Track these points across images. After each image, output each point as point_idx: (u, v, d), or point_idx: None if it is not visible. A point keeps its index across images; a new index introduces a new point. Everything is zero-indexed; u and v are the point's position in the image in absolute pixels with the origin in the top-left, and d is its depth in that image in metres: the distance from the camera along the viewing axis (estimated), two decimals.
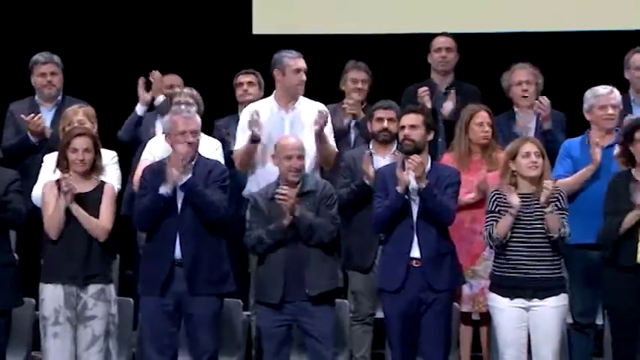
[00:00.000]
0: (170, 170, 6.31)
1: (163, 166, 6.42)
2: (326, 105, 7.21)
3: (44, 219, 6.41)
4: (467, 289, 6.76)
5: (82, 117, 6.86)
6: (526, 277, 6.17)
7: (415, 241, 6.26)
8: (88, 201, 6.36)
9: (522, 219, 6.18)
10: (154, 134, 7.32)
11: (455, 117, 7.19)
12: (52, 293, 6.32)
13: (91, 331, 6.30)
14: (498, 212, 6.20)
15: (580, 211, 6.55)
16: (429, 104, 7.27)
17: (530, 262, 6.18)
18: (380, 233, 6.54)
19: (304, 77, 7.04)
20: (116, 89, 8.28)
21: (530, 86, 7.29)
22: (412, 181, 6.21)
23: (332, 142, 7.05)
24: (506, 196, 6.18)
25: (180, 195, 6.38)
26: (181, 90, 7.38)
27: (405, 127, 6.35)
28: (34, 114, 7.36)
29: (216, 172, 6.48)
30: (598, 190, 6.65)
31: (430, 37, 7.69)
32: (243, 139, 7.00)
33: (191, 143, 6.37)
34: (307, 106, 7.09)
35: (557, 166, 6.70)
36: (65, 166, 6.40)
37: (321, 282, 6.37)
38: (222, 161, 6.82)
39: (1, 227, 6.37)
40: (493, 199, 6.26)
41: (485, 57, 8.10)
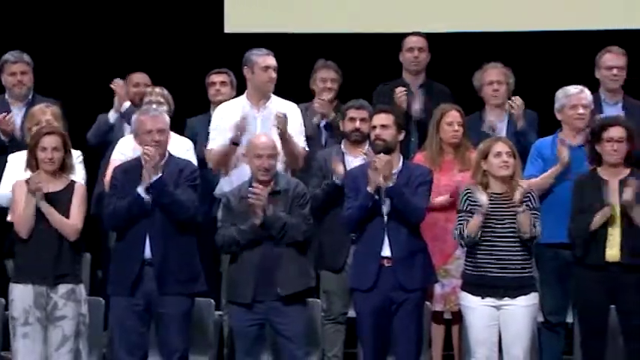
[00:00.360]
0: (146, 171, 6.30)
1: (134, 166, 6.40)
2: (297, 104, 7.21)
3: (14, 218, 6.37)
4: (439, 289, 6.77)
5: (50, 117, 6.84)
6: (497, 276, 6.18)
7: (386, 240, 6.27)
8: (58, 200, 6.33)
9: (494, 218, 6.19)
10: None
11: (424, 117, 7.19)
12: (22, 293, 6.29)
13: (61, 331, 6.27)
14: (469, 211, 6.21)
15: (551, 211, 6.57)
16: (404, 104, 7.27)
17: (501, 262, 6.19)
18: (351, 233, 6.53)
19: (274, 75, 7.03)
20: (87, 88, 8.25)
21: (501, 86, 7.31)
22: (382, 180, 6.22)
23: (300, 143, 7.04)
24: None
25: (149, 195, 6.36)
26: (152, 89, 7.37)
27: (376, 127, 6.36)
28: (5, 113, 7.31)
29: (187, 171, 6.47)
30: (569, 189, 6.69)
31: (402, 37, 7.70)
32: (218, 139, 6.98)
33: (158, 142, 6.35)
34: (279, 105, 7.08)
35: (528, 165, 6.72)
36: (35, 166, 6.37)
37: (292, 282, 6.37)
38: (195, 161, 6.80)
39: None
40: (464, 198, 6.27)
41: (457, 57, 8.12)
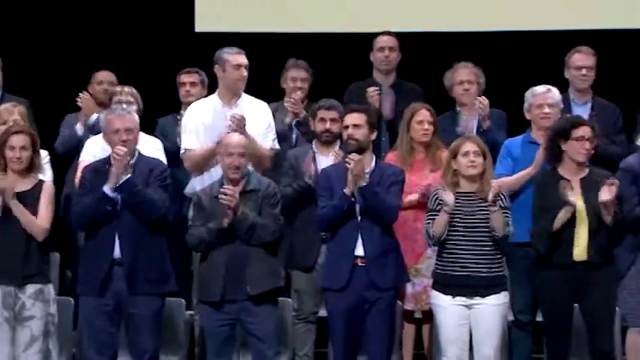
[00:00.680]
0: (114, 170, 6.28)
1: (103, 165, 6.38)
2: (268, 103, 7.20)
3: None
4: (409, 288, 6.78)
5: (17, 116, 6.81)
6: (468, 275, 6.20)
7: (359, 239, 6.28)
8: (26, 200, 6.30)
9: (464, 218, 6.21)
10: None
11: (393, 116, 7.20)
12: None
13: (30, 332, 6.24)
14: (438, 210, 6.23)
15: (522, 210, 6.58)
16: (377, 104, 7.27)
17: (471, 261, 6.21)
18: (325, 232, 6.53)
19: (245, 73, 7.02)
20: (57, 86, 8.21)
21: (472, 85, 7.33)
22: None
23: (269, 142, 7.02)
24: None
25: (119, 195, 6.34)
26: (121, 89, 7.35)
27: (348, 127, 6.37)
28: None
29: (157, 171, 6.46)
30: None
31: (373, 36, 7.70)
32: (192, 139, 6.97)
33: (126, 141, 6.33)
34: (250, 103, 7.08)
35: (497, 165, 6.73)
36: (3, 165, 6.33)
37: (262, 281, 6.36)
38: (165, 161, 6.78)
39: None
40: (434, 197, 6.28)
41: (428, 56, 8.13)
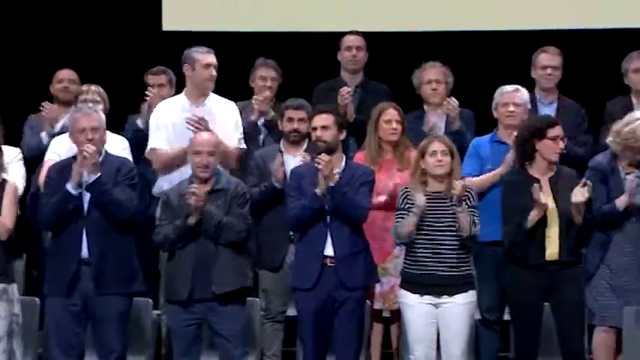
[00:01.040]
0: (77, 168, 6.24)
1: (69, 164, 6.35)
2: (235, 102, 7.19)
3: None
4: (378, 287, 6.78)
5: None
6: (435, 274, 6.21)
7: (329, 239, 6.28)
8: None
9: (431, 217, 6.21)
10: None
11: (362, 117, 7.22)
12: None
13: None
14: (407, 210, 6.23)
15: (489, 209, 6.60)
16: (349, 105, 7.26)
17: (439, 260, 6.22)
18: (294, 232, 6.52)
19: (214, 72, 7.01)
20: (24, 85, 8.17)
21: (440, 85, 7.34)
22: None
23: (235, 141, 7.01)
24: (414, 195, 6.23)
25: (86, 194, 6.32)
26: (87, 87, 7.32)
27: (316, 129, 6.37)
28: None
29: (125, 169, 6.44)
30: None
31: (340, 36, 7.70)
32: (161, 138, 6.95)
33: (92, 140, 6.30)
34: (217, 103, 7.07)
35: (465, 164, 6.74)
36: None
37: (228, 280, 6.35)
38: (131, 160, 6.75)
39: None
40: (403, 197, 6.29)
41: (396, 56, 8.14)
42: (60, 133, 7.19)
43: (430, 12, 8.30)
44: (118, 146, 6.86)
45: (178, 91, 7.29)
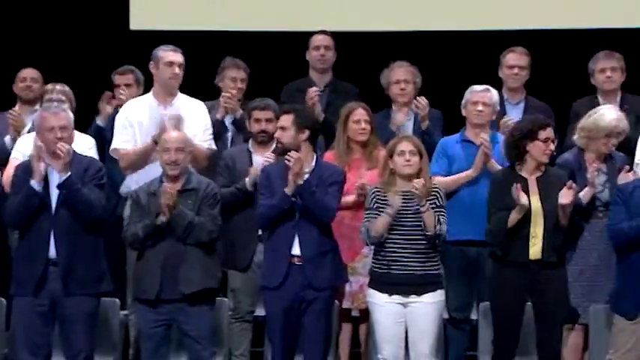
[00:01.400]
0: (37, 165, 6.20)
1: None
2: (203, 102, 7.17)
3: None
4: (346, 286, 6.78)
5: None
6: (404, 274, 6.23)
7: (296, 238, 6.28)
8: None
9: (400, 216, 6.22)
10: None
11: (331, 117, 7.22)
12: None
13: None
14: (377, 209, 6.25)
15: (457, 208, 6.64)
16: (316, 106, 7.25)
17: (407, 259, 6.23)
18: (263, 230, 6.52)
19: (177, 70, 6.97)
20: None
21: (408, 85, 7.35)
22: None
23: (206, 141, 6.99)
24: (386, 195, 6.23)
25: (54, 193, 6.29)
26: (53, 87, 7.28)
27: (278, 129, 6.37)
28: None
29: (93, 169, 6.41)
30: (474, 187, 6.77)
31: (309, 35, 7.70)
32: (126, 137, 6.92)
33: (61, 139, 6.27)
34: (186, 103, 7.04)
35: (432, 164, 6.75)
36: None
37: (196, 280, 6.34)
38: (97, 159, 6.74)
39: None
40: (372, 196, 6.30)
41: (365, 56, 8.14)
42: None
43: (399, 12, 8.31)
44: (84, 145, 6.82)
45: (147, 90, 7.26)
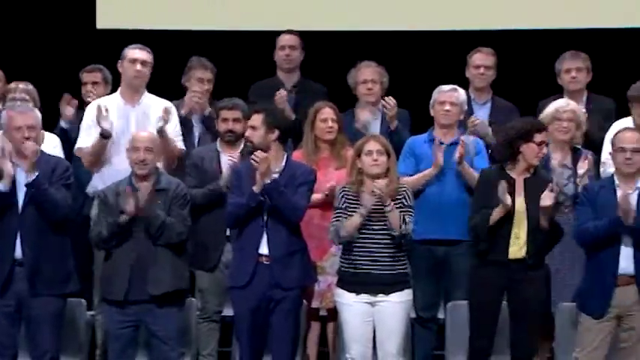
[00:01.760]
0: (3, 165, 6.16)
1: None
2: (170, 101, 7.14)
3: None
4: (315, 286, 6.79)
5: None
6: (371, 273, 6.24)
7: (265, 238, 6.28)
8: None
9: (368, 216, 6.23)
10: None
11: (299, 116, 7.22)
12: None
13: None
14: (346, 209, 6.25)
15: (424, 208, 6.67)
16: (285, 107, 7.25)
17: (375, 258, 6.25)
18: (232, 229, 6.51)
19: (139, 67, 6.94)
20: None
21: (375, 85, 7.37)
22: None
23: (178, 141, 6.98)
24: (355, 194, 6.24)
25: (21, 193, 6.26)
26: (16, 85, 7.24)
27: (248, 129, 6.36)
28: None
29: (60, 169, 6.38)
30: (440, 186, 6.81)
31: (277, 34, 7.70)
32: (89, 136, 6.89)
33: (28, 139, 6.23)
34: (154, 102, 7.02)
35: (400, 163, 6.77)
36: None
37: (165, 281, 6.32)
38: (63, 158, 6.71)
39: None
40: (341, 195, 6.31)
41: (333, 55, 8.15)
42: None
43: (366, 12, 8.31)
44: (49, 144, 6.79)
45: (115, 89, 7.24)
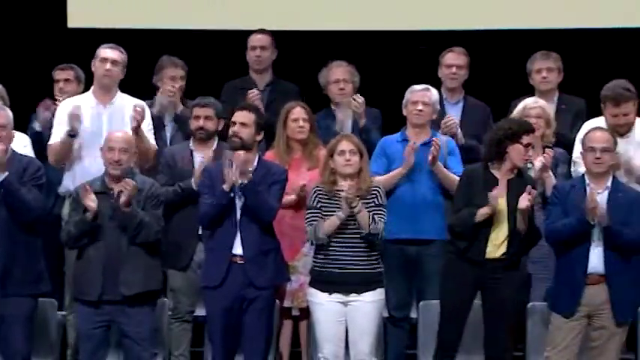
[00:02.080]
0: None
1: None
2: (142, 100, 7.13)
3: None
4: (287, 285, 6.79)
5: None
6: (344, 272, 6.25)
7: (238, 237, 6.27)
8: None
9: None
10: None
11: (271, 116, 7.23)
12: None
13: None
14: (320, 209, 6.26)
15: (396, 207, 6.68)
16: (260, 106, 7.25)
17: (347, 258, 6.26)
18: (205, 229, 6.50)
19: (109, 66, 6.92)
20: None
21: (347, 84, 7.38)
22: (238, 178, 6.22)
23: (151, 140, 6.96)
24: (328, 194, 6.25)
25: None
26: None
27: (235, 124, 6.34)
28: None
29: (32, 169, 6.36)
30: (413, 186, 6.83)
31: (249, 34, 7.69)
32: (60, 133, 6.86)
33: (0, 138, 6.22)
34: (127, 102, 6.99)
35: (372, 163, 6.78)
36: None
37: (138, 282, 6.30)
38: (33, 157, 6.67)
39: None
40: (315, 195, 6.31)
41: (305, 54, 8.15)
42: None
43: (337, 11, 8.30)
44: (19, 143, 6.74)
45: (88, 88, 7.21)
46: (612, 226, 6.15)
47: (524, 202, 6.23)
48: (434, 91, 6.99)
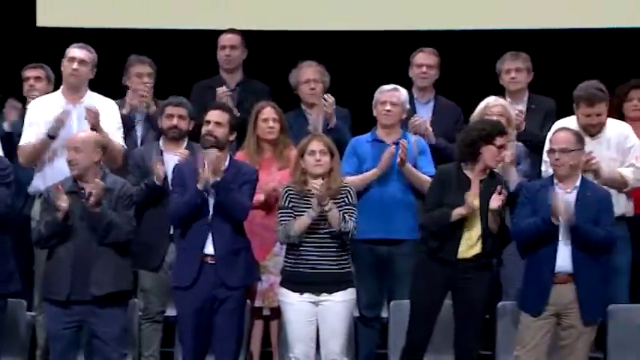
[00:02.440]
0: None
1: None
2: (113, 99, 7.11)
3: None
4: (257, 285, 6.79)
5: None
6: (315, 272, 6.25)
7: (209, 237, 6.26)
8: None
9: None
10: None
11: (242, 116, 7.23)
12: None
13: None
14: (292, 208, 6.26)
15: (367, 207, 6.69)
16: (230, 104, 7.24)
17: (318, 257, 6.26)
18: (176, 228, 6.48)
19: (76, 66, 6.89)
20: None
21: (317, 84, 7.40)
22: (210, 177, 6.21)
23: (118, 139, 6.94)
24: (299, 194, 6.25)
25: None
26: None
27: (209, 123, 6.33)
28: None
29: None
30: (384, 186, 6.85)
31: (219, 33, 7.68)
32: (32, 134, 6.83)
33: None
34: (96, 101, 6.96)
35: (343, 163, 6.78)
36: None
37: (108, 282, 6.27)
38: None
39: None
40: (286, 195, 6.31)
41: (276, 54, 8.15)
42: None
43: (307, 11, 8.32)
44: None
45: (57, 88, 7.17)
46: (580, 225, 6.18)
47: (495, 202, 6.26)
48: (403, 91, 7.01)
